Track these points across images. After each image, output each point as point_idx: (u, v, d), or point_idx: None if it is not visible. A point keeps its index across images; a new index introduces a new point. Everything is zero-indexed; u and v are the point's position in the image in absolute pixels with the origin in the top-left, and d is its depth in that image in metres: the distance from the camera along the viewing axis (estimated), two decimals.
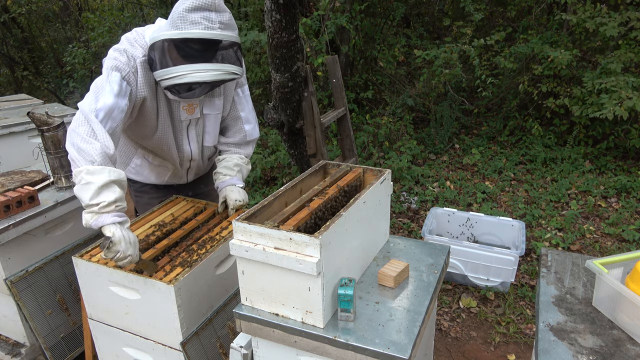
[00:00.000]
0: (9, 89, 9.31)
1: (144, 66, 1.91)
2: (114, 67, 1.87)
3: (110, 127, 1.83)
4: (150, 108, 2.01)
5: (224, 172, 2.25)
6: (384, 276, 1.67)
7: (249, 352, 1.61)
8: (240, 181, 2.26)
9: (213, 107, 2.18)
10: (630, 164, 5.27)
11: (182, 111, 2.09)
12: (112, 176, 1.75)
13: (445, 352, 2.95)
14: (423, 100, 6.29)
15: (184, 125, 2.14)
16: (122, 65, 1.88)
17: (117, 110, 1.84)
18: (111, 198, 1.72)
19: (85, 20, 8.06)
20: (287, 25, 3.39)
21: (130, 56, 1.90)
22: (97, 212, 1.72)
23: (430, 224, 3.55)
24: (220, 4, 1.81)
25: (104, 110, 1.81)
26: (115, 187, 1.75)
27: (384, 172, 1.84)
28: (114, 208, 1.73)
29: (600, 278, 1.50)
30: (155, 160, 2.30)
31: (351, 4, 5.81)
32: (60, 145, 2.41)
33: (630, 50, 5.00)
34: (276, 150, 5.79)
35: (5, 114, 3.70)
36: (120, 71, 1.87)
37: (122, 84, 1.87)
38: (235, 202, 2.17)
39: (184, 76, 1.82)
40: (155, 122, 2.07)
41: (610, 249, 3.89)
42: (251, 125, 2.34)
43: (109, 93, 1.83)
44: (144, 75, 1.92)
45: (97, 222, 1.72)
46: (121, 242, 1.69)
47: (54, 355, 2.39)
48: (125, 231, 1.73)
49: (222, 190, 2.23)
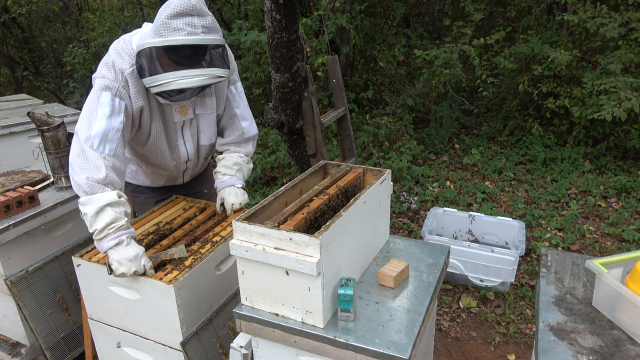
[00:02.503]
0: (9, 89, 9.31)
1: (133, 76, 1.92)
2: (103, 87, 1.89)
3: (110, 149, 1.85)
4: (146, 116, 2.03)
5: (223, 172, 2.24)
6: (384, 276, 1.67)
7: (249, 352, 1.61)
8: (240, 181, 2.25)
9: (205, 107, 2.18)
10: (630, 164, 5.27)
11: (175, 113, 2.10)
12: (102, 201, 1.77)
13: (445, 352, 2.95)
14: (423, 100, 6.29)
15: (178, 126, 2.15)
16: (111, 82, 1.89)
17: (112, 132, 1.86)
18: (101, 225, 1.76)
19: (85, 21, 8.06)
20: (287, 25, 3.40)
21: (117, 70, 1.90)
22: (97, 240, 1.79)
23: (430, 224, 3.55)
24: (202, 8, 1.81)
25: (98, 137, 1.83)
26: (108, 210, 1.77)
27: (384, 172, 1.84)
28: (108, 232, 1.77)
29: (600, 278, 1.50)
30: (149, 169, 2.31)
31: (351, 4, 5.81)
32: (60, 145, 2.41)
33: (631, 50, 5.00)
34: (276, 150, 5.79)
35: (5, 114, 3.70)
36: (110, 89, 1.88)
37: (115, 102, 1.88)
38: (232, 206, 2.17)
39: (170, 83, 1.83)
40: (149, 128, 2.08)
41: (610, 249, 3.89)
42: (247, 122, 2.33)
43: (101, 117, 1.85)
44: (135, 85, 1.93)
45: (100, 249, 1.82)
46: (120, 266, 1.74)
47: (54, 355, 2.39)
48: (124, 250, 1.76)
49: (221, 192, 2.22)
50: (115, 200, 1.80)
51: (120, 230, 1.78)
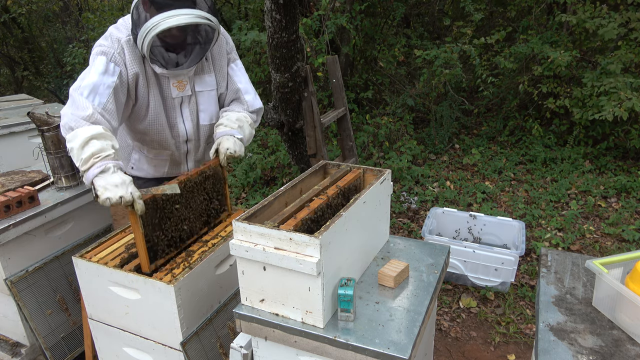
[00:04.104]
0: (9, 89, 9.31)
1: (129, 44, 1.99)
2: (99, 53, 1.97)
3: (100, 103, 1.90)
4: (142, 85, 2.06)
5: (224, 124, 2.21)
6: (384, 276, 1.67)
7: (249, 352, 1.61)
8: (240, 134, 2.20)
9: (204, 84, 2.21)
10: (630, 164, 5.27)
11: (173, 88, 2.12)
12: (87, 133, 1.80)
13: (445, 352, 2.95)
14: (423, 100, 6.29)
15: (176, 103, 2.17)
16: (107, 49, 1.97)
17: (102, 86, 1.91)
18: (87, 154, 1.77)
19: (85, 21, 8.06)
20: (287, 25, 3.40)
21: (114, 39, 1.98)
22: (84, 172, 1.79)
23: (430, 224, 3.55)
24: None
25: (88, 87, 1.89)
26: (94, 142, 1.79)
27: (384, 172, 1.84)
28: (94, 161, 1.77)
29: (600, 278, 1.50)
30: (150, 153, 2.32)
31: (351, 4, 5.81)
32: (61, 145, 2.41)
33: (631, 50, 5.00)
34: (276, 150, 5.79)
35: (5, 114, 3.70)
36: (106, 54, 1.96)
37: (109, 65, 1.95)
38: (227, 150, 2.10)
39: (158, 25, 1.86)
40: (146, 99, 2.10)
41: (610, 249, 3.89)
42: (251, 96, 2.34)
43: (94, 73, 1.92)
44: (131, 52, 2.00)
45: (86, 181, 1.79)
46: (105, 191, 1.72)
47: (54, 355, 2.39)
48: (110, 177, 1.75)
49: (218, 140, 2.17)
50: (100, 133, 1.82)
51: (107, 160, 1.79)
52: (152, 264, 1.84)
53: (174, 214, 1.92)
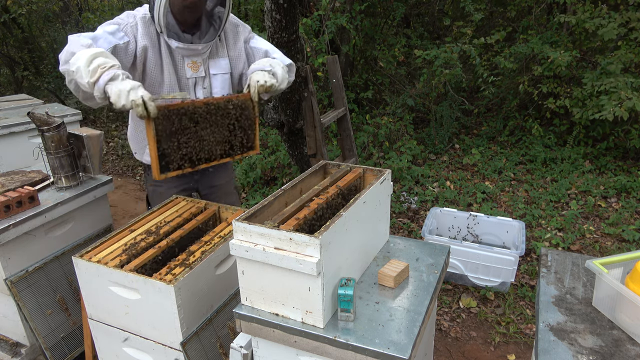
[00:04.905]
0: (9, 89, 9.30)
1: (144, 20, 2.07)
2: (112, 22, 2.05)
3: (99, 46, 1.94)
4: (152, 61, 2.10)
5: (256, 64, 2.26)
6: (384, 276, 1.67)
7: (249, 352, 1.61)
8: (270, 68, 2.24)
9: (219, 67, 2.25)
10: (630, 164, 5.27)
11: (187, 68, 2.17)
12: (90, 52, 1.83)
13: (445, 352, 2.95)
14: (423, 100, 6.29)
15: (190, 83, 2.21)
16: (121, 20, 2.06)
17: (102, 39, 1.96)
18: (94, 66, 1.81)
19: (86, 21, 8.05)
20: (287, 25, 3.40)
21: (130, 15, 2.09)
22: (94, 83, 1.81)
23: (430, 224, 3.55)
24: None
25: (89, 35, 1.94)
26: (99, 58, 1.83)
27: (384, 172, 1.84)
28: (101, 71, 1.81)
29: (600, 278, 1.50)
30: None
31: (351, 4, 5.81)
32: (61, 145, 2.41)
33: (631, 50, 5.00)
34: (276, 150, 5.79)
35: (5, 114, 3.70)
36: (119, 24, 2.04)
37: (118, 33, 2.02)
38: (257, 82, 2.14)
39: None
40: (160, 76, 2.14)
41: (610, 249, 3.89)
42: (279, 54, 2.38)
43: (100, 29, 1.99)
44: (144, 27, 2.07)
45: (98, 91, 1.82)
46: (119, 98, 1.78)
47: (54, 355, 2.39)
48: (120, 84, 1.80)
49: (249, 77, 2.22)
50: (103, 52, 1.87)
51: (114, 69, 1.83)
52: (164, 173, 1.86)
53: (190, 130, 1.94)
